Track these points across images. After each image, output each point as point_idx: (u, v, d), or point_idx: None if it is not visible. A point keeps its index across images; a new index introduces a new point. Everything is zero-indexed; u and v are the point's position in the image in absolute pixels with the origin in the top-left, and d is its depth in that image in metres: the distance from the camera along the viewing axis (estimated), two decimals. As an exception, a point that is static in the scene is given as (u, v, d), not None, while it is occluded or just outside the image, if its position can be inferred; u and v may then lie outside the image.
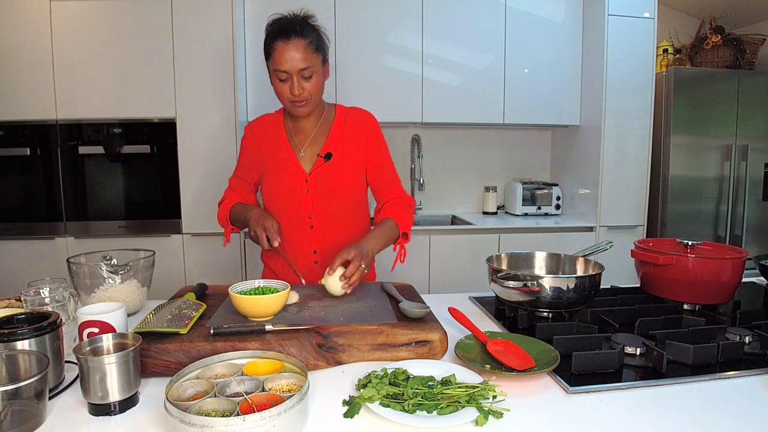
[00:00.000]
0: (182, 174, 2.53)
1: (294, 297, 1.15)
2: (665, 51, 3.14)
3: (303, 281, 1.26)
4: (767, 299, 1.42)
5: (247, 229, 1.41)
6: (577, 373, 0.91)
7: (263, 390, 0.77)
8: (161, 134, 2.51)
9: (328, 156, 1.37)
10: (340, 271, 1.17)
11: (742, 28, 3.20)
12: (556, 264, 1.38)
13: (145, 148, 2.50)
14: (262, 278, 1.59)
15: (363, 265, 1.19)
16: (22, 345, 0.80)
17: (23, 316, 0.89)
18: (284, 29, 1.26)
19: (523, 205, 3.10)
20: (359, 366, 0.95)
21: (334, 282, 1.17)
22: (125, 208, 2.55)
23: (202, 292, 1.22)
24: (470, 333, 1.05)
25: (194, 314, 1.01)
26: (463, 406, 0.77)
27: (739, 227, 2.98)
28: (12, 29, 2.38)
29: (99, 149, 2.48)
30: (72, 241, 2.52)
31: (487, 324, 1.20)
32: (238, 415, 0.68)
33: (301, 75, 1.28)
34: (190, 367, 0.82)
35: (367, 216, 1.53)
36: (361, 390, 0.81)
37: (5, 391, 0.69)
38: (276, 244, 1.26)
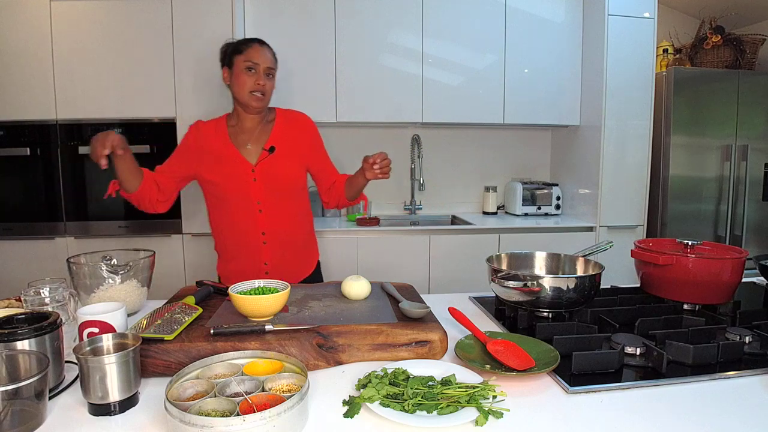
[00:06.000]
0: (182, 174, 2.53)
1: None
2: (665, 51, 3.14)
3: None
4: (767, 299, 1.42)
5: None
6: (577, 373, 0.91)
7: (263, 390, 0.77)
8: (161, 134, 2.51)
9: (272, 149, 1.56)
10: (356, 277, 1.20)
11: (742, 28, 3.20)
12: (556, 264, 1.38)
13: (145, 148, 2.50)
14: (217, 270, 1.72)
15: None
16: (22, 345, 0.80)
17: (23, 316, 0.89)
18: (258, 39, 1.57)
19: (523, 205, 3.10)
20: (359, 366, 0.95)
21: (352, 287, 1.18)
22: (125, 208, 2.55)
23: (206, 295, 1.19)
24: (470, 333, 1.05)
25: (186, 319, 1.00)
26: (463, 406, 0.77)
27: (739, 227, 2.98)
28: (12, 29, 2.39)
29: (99, 149, 2.48)
30: (72, 241, 2.52)
31: (487, 324, 1.20)
32: (238, 415, 0.68)
33: (266, 72, 1.54)
34: (190, 367, 0.82)
35: (307, 201, 1.71)
36: (361, 390, 0.81)
37: (5, 391, 0.69)
38: (120, 152, 1.31)
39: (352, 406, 0.78)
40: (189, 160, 1.59)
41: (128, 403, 0.79)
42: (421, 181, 3.19)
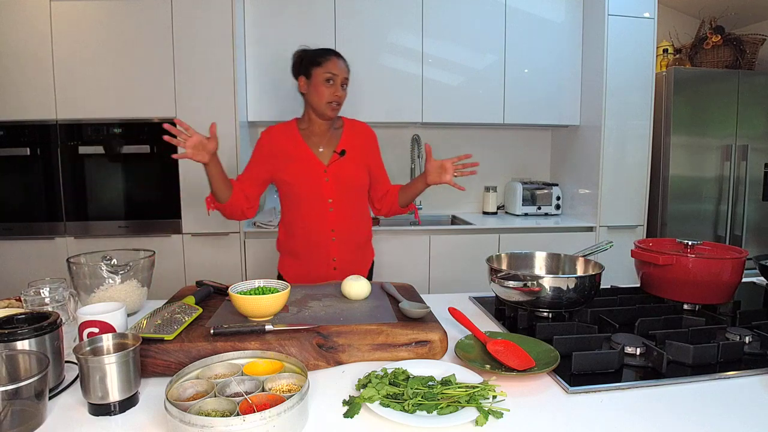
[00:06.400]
0: (182, 174, 2.53)
1: None
2: (665, 51, 3.14)
3: None
4: (767, 299, 1.42)
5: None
6: (577, 373, 0.91)
7: (263, 390, 0.77)
8: (161, 134, 2.50)
9: (342, 152, 1.67)
10: (356, 278, 1.20)
11: (742, 28, 3.20)
12: (556, 264, 1.38)
13: (145, 148, 2.50)
14: (278, 269, 1.76)
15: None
16: (22, 345, 0.80)
17: (23, 316, 0.89)
18: (334, 51, 1.68)
19: (523, 205, 3.10)
20: (359, 366, 0.95)
21: (352, 287, 1.18)
22: (125, 208, 2.55)
23: (206, 295, 1.19)
24: (470, 333, 1.05)
25: (186, 319, 1.00)
26: (463, 406, 0.77)
27: (739, 227, 2.98)
28: (12, 29, 2.38)
29: (99, 149, 2.48)
30: (72, 241, 2.52)
31: (487, 324, 1.20)
32: (238, 415, 0.68)
33: (342, 83, 1.65)
34: (190, 367, 0.82)
35: (367, 203, 1.80)
36: (361, 390, 0.81)
37: (5, 391, 0.69)
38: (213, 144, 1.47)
39: (352, 406, 0.78)
40: (265, 163, 1.68)
41: (128, 403, 0.79)
42: (421, 181, 3.19)
